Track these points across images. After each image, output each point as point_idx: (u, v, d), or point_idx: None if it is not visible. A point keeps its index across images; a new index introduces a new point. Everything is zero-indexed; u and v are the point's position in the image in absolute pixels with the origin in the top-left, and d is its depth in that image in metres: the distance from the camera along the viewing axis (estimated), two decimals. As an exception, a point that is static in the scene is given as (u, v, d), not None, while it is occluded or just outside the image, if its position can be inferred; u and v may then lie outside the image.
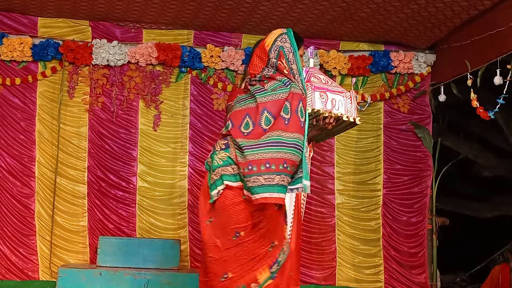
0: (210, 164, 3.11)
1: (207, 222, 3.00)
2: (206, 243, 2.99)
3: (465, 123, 7.36)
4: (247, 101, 3.06)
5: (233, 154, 2.98)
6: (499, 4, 4.84)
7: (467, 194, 8.11)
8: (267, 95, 2.98)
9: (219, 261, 2.94)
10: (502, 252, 7.02)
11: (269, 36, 3.17)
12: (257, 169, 2.84)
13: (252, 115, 2.97)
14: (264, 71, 3.11)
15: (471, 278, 7.67)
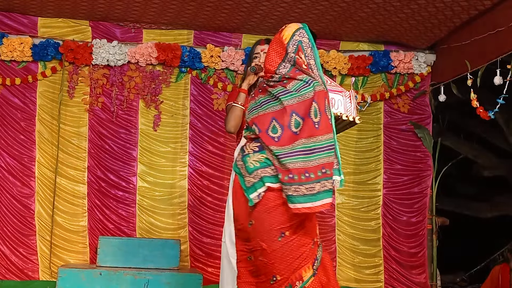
0: (241, 167, 3.03)
1: (249, 225, 2.98)
2: (254, 247, 2.97)
3: (465, 123, 7.36)
4: (270, 104, 3.01)
5: (270, 156, 2.94)
6: (499, 4, 4.84)
7: (467, 194, 8.11)
8: (292, 97, 2.94)
9: (268, 264, 2.93)
10: (502, 252, 7.02)
11: (286, 30, 3.11)
12: (298, 178, 2.84)
13: (279, 118, 2.94)
14: (280, 67, 3.05)
15: (471, 278, 7.67)
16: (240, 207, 3.03)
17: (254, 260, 2.99)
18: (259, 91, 3.13)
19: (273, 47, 3.12)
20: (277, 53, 3.08)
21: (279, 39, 3.10)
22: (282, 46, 3.08)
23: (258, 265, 2.97)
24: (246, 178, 2.98)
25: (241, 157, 3.06)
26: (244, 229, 3.00)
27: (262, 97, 3.07)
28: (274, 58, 3.09)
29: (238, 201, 3.04)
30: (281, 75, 3.03)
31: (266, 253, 2.91)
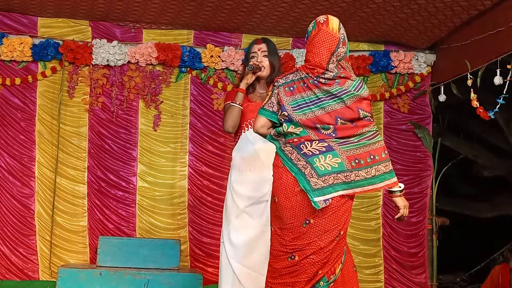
0: (303, 167, 2.99)
1: (303, 225, 2.98)
2: (308, 246, 2.97)
3: (465, 123, 7.35)
4: (328, 102, 3.01)
5: (344, 157, 2.98)
6: (499, 4, 4.84)
7: (467, 194, 8.10)
8: (354, 96, 3.01)
9: (319, 263, 2.97)
10: (502, 252, 7.01)
11: (331, 21, 3.07)
12: (379, 157, 3.04)
13: (345, 116, 3.00)
14: (330, 62, 3.02)
15: (471, 278, 7.66)
16: (292, 206, 2.99)
17: (300, 259, 2.98)
18: (304, 86, 3.05)
19: (322, 40, 3.05)
20: (327, 47, 3.04)
21: (328, 32, 3.05)
22: (332, 39, 3.04)
23: (304, 264, 2.97)
24: (313, 180, 2.95)
25: (300, 156, 2.99)
26: (295, 228, 2.97)
27: (315, 96, 3.03)
28: (323, 53, 3.03)
29: (290, 200, 3.00)
30: (334, 73, 3.02)
31: (323, 251, 2.96)
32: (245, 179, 3.70)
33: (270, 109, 3.13)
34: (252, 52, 3.78)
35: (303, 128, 3.02)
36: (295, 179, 2.98)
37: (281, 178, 3.03)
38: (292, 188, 2.99)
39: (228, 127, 3.70)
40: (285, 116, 3.06)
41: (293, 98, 3.05)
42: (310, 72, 3.05)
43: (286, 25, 5.72)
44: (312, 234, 2.96)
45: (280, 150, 3.07)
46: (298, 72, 3.11)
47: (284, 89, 3.09)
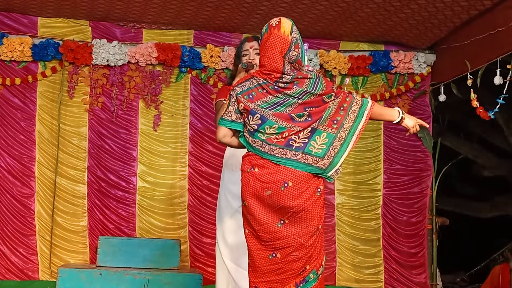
0: (305, 159, 3.05)
1: (278, 225, 3.05)
2: (288, 244, 3.04)
3: (465, 123, 7.36)
4: (292, 101, 3.07)
5: (325, 127, 3.10)
6: (499, 4, 4.84)
7: (467, 194, 8.11)
8: (314, 95, 3.07)
9: (303, 258, 3.06)
10: (502, 252, 7.02)
11: (283, 26, 3.09)
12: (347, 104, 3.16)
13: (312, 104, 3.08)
14: (285, 65, 3.06)
15: (471, 278, 7.67)
16: (263, 209, 3.08)
17: (282, 257, 3.05)
18: (264, 92, 3.08)
19: (274, 44, 3.07)
20: (279, 51, 3.06)
21: (280, 36, 3.07)
22: (284, 43, 3.07)
23: (288, 261, 3.05)
24: (320, 163, 3.05)
25: (295, 151, 3.05)
26: (270, 228, 3.06)
27: (275, 98, 3.07)
28: (277, 57, 3.07)
29: (260, 204, 3.08)
30: (292, 76, 3.06)
31: (305, 247, 3.04)
32: (239, 178, 3.69)
33: (229, 118, 3.15)
34: (244, 50, 3.74)
35: (278, 124, 3.05)
36: (263, 184, 3.05)
37: (249, 183, 3.09)
38: (261, 192, 3.06)
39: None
40: (258, 120, 3.07)
41: (256, 104, 3.08)
42: (268, 78, 3.08)
43: (286, 25, 5.72)
44: (289, 233, 3.04)
45: (261, 152, 3.08)
46: (255, 78, 3.12)
47: (243, 97, 3.11)
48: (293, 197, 3.04)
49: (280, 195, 3.03)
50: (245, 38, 3.85)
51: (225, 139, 3.20)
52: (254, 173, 3.08)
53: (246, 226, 3.15)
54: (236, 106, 3.13)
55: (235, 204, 3.67)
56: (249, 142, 3.13)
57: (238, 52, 3.78)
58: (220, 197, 3.80)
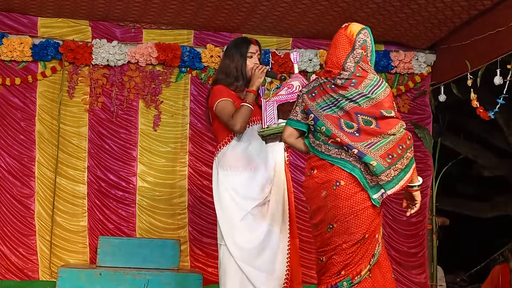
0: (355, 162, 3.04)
1: (328, 230, 3.08)
2: (332, 249, 3.06)
3: (465, 123, 7.36)
4: (345, 102, 3.08)
5: (377, 157, 3.01)
6: (499, 4, 4.84)
7: (467, 194, 8.11)
8: (370, 100, 3.05)
9: (342, 263, 3.04)
10: (502, 252, 7.02)
11: (351, 26, 3.18)
12: (405, 145, 3.06)
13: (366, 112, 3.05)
14: (347, 61, 3.10)
15: (471, 278, 7.67)
16: (320, 212, 3.10)
17: (326, 260, 3.08)
18: (323, 90, 3.13)
19: (339, 42, 3.16)
20: (343, 48, 3.13)
21: (345, 35, 3.15)
22: (349, 41, 3.14)
23: (329, 264, 3.07)
24: (368, 176, 3.02)
25: (350, 156, 3.04)
26: (322, 234, 3.08)
27: (331, 97, 3.11)
28: (340, 53, 3.12)
29: (317, 205, 3.10)
30: (350, 72, 3.08)
31: (344, 253, 3.03)
32: (248, 180, 3.63)
33: (295, 118, 3.23)
34: (250, 52, 3.72)
35: (326, 125, 3.07)
36: (320, 185, 3.07)
37: (309, 187, 3.15)
38: (318, 194, 3.08)
39: (241, 128, 3.58)
40: (312, 120, 3.14)
41: (316, 102, 3.14)
42: (328, 76, 3.14)
43: (286, 25, 5.72)
44: (336, 238, 3.04)
45: (318, 152, 3.12)
46: (318, 78, 3.21)
47: (307, 96, 3.19)
48: (344, 197, 3.02)
49: (333, 195, 3.03)
50: (248, 40, 3.79)
51: (289, 139, 3.26)
52: (313, 175, 3.14)
53: (312, 230, 3.20)
54: (302, 106, 3.21)
55: (247, 205, 3.60)
56: (311, 143, 3.17)
57: (243, 52, 3.71)
58: (223, 199, 3.66)
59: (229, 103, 3.62)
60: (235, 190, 3.63)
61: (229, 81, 3.71)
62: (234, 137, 3.67)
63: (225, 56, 3.78)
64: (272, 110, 3.57)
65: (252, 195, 3.62)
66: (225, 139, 3.69)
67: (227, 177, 3.66)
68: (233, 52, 3.73)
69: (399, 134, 3.03)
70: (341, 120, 3.06)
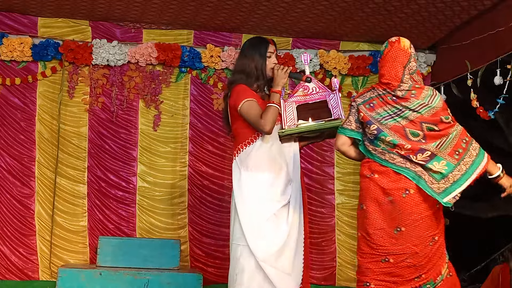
0: (420, 173, 3.23)
1: (394, 232, 3.23)
2: (402, 251, 3.21)
3: (465, 123, 7.33)
4: (409, 113, 3.28)
5: (445, 155, 3.27)
6: (499, 4, 4.84)
7: (467, 194, 8.09)
8: (431, 108, 3.33)
9: (417, 266, 3.21)
10: (502, 252, 7.01)
11: (402, 41, 3.49)
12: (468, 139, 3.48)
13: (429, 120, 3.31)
14: (404, 75, 3.32)
15: (471, 278, 7.66)
16: (382, 214, 3.25)
17: (396, 262, 3.23)
18: (383, 101, 3.33)
19: (396, 56, 3.39)
20: (400, 62, 3.36)
21: (400, 49, 3.42)
22: (404, 55, 3.39)
23: (401, 267, 3.22)
24: (434, 185, 3.20)
25: (414, 164, 3.22)
26: (386, 234, 3.23)
27: (393, 108, 3.30)
28: (398, 66, 3.35)
29: (380, 208, 3.25)
30: (409, 85, 3.32)
31: (418, 256, 3.21)
32: (272, 181, 3.58)
33: (349, 127, 3.41)
34: (269, 52, 3.67)
35: (393, 137, 3.25)
36: (384, 190, 3.24)
37: (370, 188, 3.28)
38: (383, 198, 3.24)
39: (271, 129, 3.53)
40: (374, 130, 3.29)
41: (376, 112, 3.33)
42: (387, 88, 3.34)
43: (286, 25, 5.72)
44: (405, 240, 3.20)
45: (381, 159, 3.28)
46: (375, 89, 3.39)
47: (364, 106, 3.37)
48: (414, 203, 3.20)
49: (402, 202, 3.20)
50: (266, 40, 3.73)
51: (343, 147, 3.45)
52: (374, 179, 3.27)
53: (360, 230, 3.34)
54: (357, 115, 3.38)
55: (272, 206, 3.55)
56: (369, 150, 3.34)
57: (262, 52, 3.67)
58: (247, 199, 3.57)
59: (255, 103, 3.56)
60: (260, 191, 3.58)
61: (250, 81, 3.65)
62: (259, 137, 3.61)
63: (242, 56, 3.72)
64: (292, 111, 3.59)
65: (276, 197, 3.58)
66: (248, 139, 3.62)
67: (251, 178, 3.60)
68: (252, 52, 3.68)
69: (458, 130, 3.36)
70: (406, 130, 3.25)
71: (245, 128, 3.62)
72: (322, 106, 3.58)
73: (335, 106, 3.55)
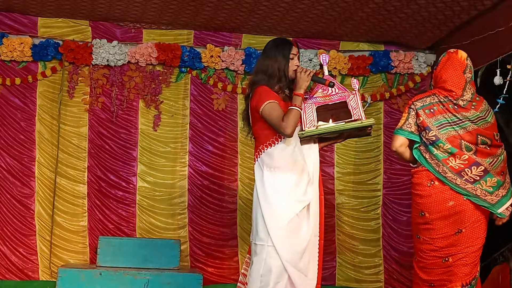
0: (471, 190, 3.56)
1: (456, 234, 3.58)
2: (460, 251, 3.58)
3: (465, 123, 7.34)
4: (468, 123, 3.59)
5: (495, 173, 3.60)
6: (499, 4, 4.84)
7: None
8: (487, 123, 3.64)
9: (471, 264, 3.58)
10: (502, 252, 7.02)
11: (459, 52, 3.71)
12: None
13: (485, 133, 3.62)
14: (466, 87, 3.62)
15: (471, 278, 7.66)
16: (445, 219, 3.59)
17: (453, 261, 3.57)
18: (444, 108, 3.59)
19: (456, 65, 3.66)
20: (461, 71, 3.64)
21: (458, 59, 3.68)
22: (462, 64, 3.66)
23: (458, 265, 3.57)
24: (488, 197, 3.56)
25: (464, 181, 3.55)
26: (448, 237, 3.58)
27: (453, 116, 3.57)
28: (459, 74, 3.64)
29: (442, 214, 3.59)
30: (470, 97, 3.61)
31: (474, 255, 3.59)
32: (295, 181, 3.56)
33: (409, 129, 3.66)
34: (292, 54, 3.63)
35: (449, 145, 3.55)
36: (446, 196, 3.56)
37: (431, 196, 3.59)
38: (445, 204, 3.57)
39: (292, 132, 3.49)
40: (432, 136, 3.58)
41: (436, 118, 3.59)
42: (449, 95, 3.60)
43: (286, 25, 5.72)
44: (464, 241, 3.56)
45: (434, 170, 3.59)
46: (435, 95, 3.63)
47: (424, 111, 3.62)
48: (474, 207, 3.56)
49: (463, 204, 3.55)
50: (289, 41, 3.69)
51: (401, 148, 3.68)
52: (435, 186, 3.59)
53: (421, 234, 3.65)
54: (415, 119, 3.64)
55: (295, 207, 3.53)
56: (425, 158, 3.62)
57: (285, 54, 3.63)
58: (271, 200, 3.53)
59: (277, 105, 3.52)
60: (284, 192, 3.54)
61: (272, 82, 3.62)
62: (281, 139, 3.58)
63: (265, 57, 3.67)
64: (311, 112, 3.57)
65: (299, 197, 3.56)
66: (270, 140, 3.59)
67: (274, 178, 3.56)
68: (275, 53, 3.64)
69: (504, 154, 3.67)
70: (462, 142, 3.56)
71: (267, 130, 3.58)
72: (341, 107, 3.55)
73: (355, 107, 3.51)
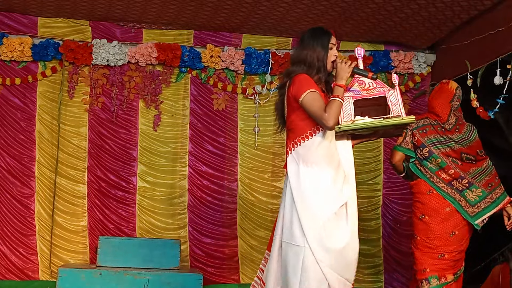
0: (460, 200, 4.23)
1: (450, 235, 4.23)
2: (455, 250, 4.25)
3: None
4: (452, 144, 4.23)
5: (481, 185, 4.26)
6: (499, 4, 4.84)
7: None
8: (470, 142, 4.26)
9: (462, 259, 4.31)
10: (502, 252, 7.01)
11: (450, 83, 4.33)
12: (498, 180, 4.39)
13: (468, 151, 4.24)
14: (451, 112, 4.25)
15: (471, 278, 7.66)
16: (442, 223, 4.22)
17: (450, 257, 4.20)
18: (433, 129, 4.25)
19: (445, 94, 4.27)
20: (448, 99, 4.24)
21: (447, 88, 4.29)
22: (450, 93, 4.26)
23: (454, 260, 4.22)
24: (469, 209, 4.23)
25: (454, 191, 4.22)
26: (443, 237, 4.19)
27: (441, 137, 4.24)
28: (447, 103, 4.24)
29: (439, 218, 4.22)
30: (454, 122, 4.23)
31: (463, 252, 4.28)
32: (333, 178, 3.35)
33: (406, 146, 4.31)
34: (331, 43, 3.52)
35: (442, 159, 4.18)
36: (443, 203, 4.20)
37: (431, 202, 4.21)
38: (442, 210, 4.19)
39: (334, 124, 3.29)
40: (426, 152, 4.22)
41: (428, 138, 4.23)
42: (438, 119, 4.25)
43: (286, 25, 5.72)
44: (456, 241, 4.22)
45: (430, 181, 4.23)
46: (428, 118, 4.29)
47: (418, 131, 4.26)
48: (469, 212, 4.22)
49: (455, 210, 4.19)
50: (327, 30, 3.55)
51: (399, 162, 4.34)
52: (434, 195, 4.22)
53: (420, 235, 4.23)
54: (411, 137, 4.28)
55: (334, 206, 3.31)
56: (420, 170, 4.28)
57: (324, 43, 3.49)
58: (307, 197, 3.31)
59: (318, 95, 3.32)
60: (322, 189, 3.33)
61: (311, 72, 3.44)
62: (319, 131, 3.37)
63: (303, 46, 3.49)
64: (349, 105, 3.39)
65: (337, 195, 3.35)
66: (308, 132, 3.37)
67: (312, 174, 3.34)
68: (314, 43, 3.47)
69: (490, 167, 4.27)
70: (449, 158, 4.17)
71: (303, 121, 3.37)
72: (379, 103, 3.38)
73: (395, 103, 3.35)
